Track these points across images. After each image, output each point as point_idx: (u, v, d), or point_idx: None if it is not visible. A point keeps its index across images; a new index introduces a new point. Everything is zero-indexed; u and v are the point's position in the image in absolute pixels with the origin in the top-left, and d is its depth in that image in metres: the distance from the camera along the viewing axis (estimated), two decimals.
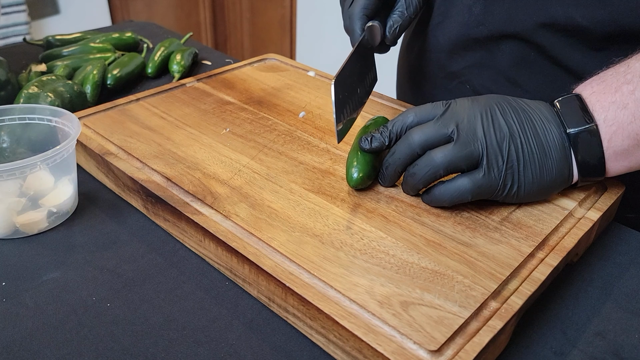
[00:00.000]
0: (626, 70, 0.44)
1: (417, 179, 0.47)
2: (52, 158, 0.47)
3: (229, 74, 0.75)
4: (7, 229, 0.49)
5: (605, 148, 0.45)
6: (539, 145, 0.45)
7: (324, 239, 0.44)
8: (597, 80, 0.46)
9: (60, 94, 0.65)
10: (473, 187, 0.45)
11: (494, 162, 0.44)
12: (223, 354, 0.39)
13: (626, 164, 0.46)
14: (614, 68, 0.46)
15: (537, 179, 0.46)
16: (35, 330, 0.40)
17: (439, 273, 0.41)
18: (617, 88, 0.44)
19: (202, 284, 0.45)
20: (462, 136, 0.45)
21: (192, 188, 0.49)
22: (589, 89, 0.46)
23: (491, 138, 0.45)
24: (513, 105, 0.46)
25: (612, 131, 0.44)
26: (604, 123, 0.44)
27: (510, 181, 0.45)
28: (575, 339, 0.42)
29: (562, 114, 0.46)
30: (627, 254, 0.50)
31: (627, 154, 0.45)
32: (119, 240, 0.49)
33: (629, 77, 0.44)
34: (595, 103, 0.45)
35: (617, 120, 0.44)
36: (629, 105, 0.43)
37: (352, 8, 0.56)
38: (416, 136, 0.46)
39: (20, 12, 1.93)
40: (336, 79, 0.49)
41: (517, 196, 0.46)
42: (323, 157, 0.55)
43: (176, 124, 0.61)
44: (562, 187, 0.48)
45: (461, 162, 0.45)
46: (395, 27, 0.56)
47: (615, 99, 0.44)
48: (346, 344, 0.37)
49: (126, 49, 0.90)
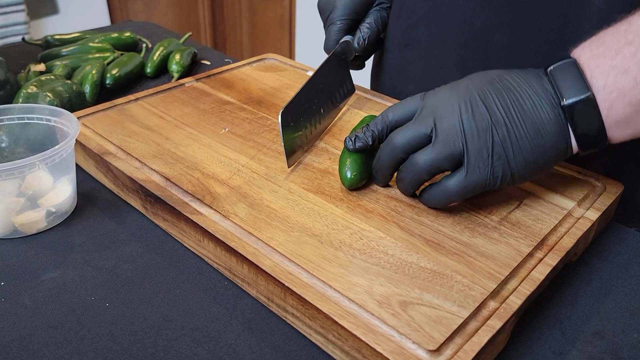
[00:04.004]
0: (627, 29, 0.41)
1: (405, 184, 0.47)
2: (51, 158, 0.47)
3: (228, 73, 0.75)
4: (5, 228, 0.49)
5: (605, 117, 0.42)
6: (530, 126, 0.42)
7: (323, 239, 0.44)
8: (597, 42, 0.42)
9: (59, 93, 0.65)
10: (459, 188, 0.44)
11: (478, 157, 0.42)
12: (222, 354, 0.39)
13: (629, 131, 0.42)
14: (614, 27, 0.42)
15: (532, 161, 0.43)
16: (34, 330, 0.40)
17: (437, 273, 0.41)
18: (618, 50, 0.40)
19: (201, 283, 0.45)
20: (441, 134, 0.43)
21: (191, 188, 0.49)
22: (588, 53, 0.42)
23: (472, 132, 0.42)
24: (497, 87, 0.43)
25: (612, 98, 0.41)
26: (603, 90, 0.41)
27: (501, 172, 0.43)
28: (574, 339, 0.42)
29: (557, 84, 0.43)
30: (625, 254, 0.50)
31: (629, 121, 0.41)
32: (118, 240, 0.49)
33: (630, 37, 0.40)
34: (595, 68, 0.41)
35: (618, 87, 0.40)
36: (631, 69, 0.40)
37: (329, 31, 0.63)
38: (397, 140, 0.45)
39: (19, 11, 1.93)
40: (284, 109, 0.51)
41: (513, 182, 0.44)
42: (322, 157, 0.55)
43: (175, 124, 0.61)
44: (560, 160, 0.45)
45: (443, 164, 0.44)
46: (364, 38, 0.62)
47: (616, 62, 0.40)
48: (345, 343, 0.37)
49: (125, 49, 0.90)
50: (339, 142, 0.58)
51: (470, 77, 0.46)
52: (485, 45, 0.57)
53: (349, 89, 0.64)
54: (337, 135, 0.60)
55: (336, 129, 0.61)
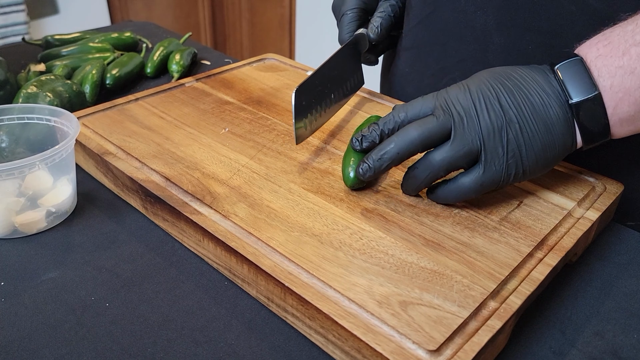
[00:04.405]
0: (634, 29, 0.41)
1: (418, 182, 0.47)
2: (50, 158, 0.47)
3: (228, 73, 0.75)
4: (5, 228, 0.49)
5: (610, 115, 0.43)
6: (540, 123, 0.43)
7: (323, 239, 0.44)
8: (604, 42, 0.43)
9: (59, 93, 0.65)
10: (475, 185, 0.44)
11: (494, 155, 0.43)
12: (222, 354, 0.39)
13: (632, 128, 0.44)
14: (621, 26, 0.43)
15: (542, 157, 0.44)
16: (34, 330, 0.40)
17: (437, 273, 0.41)
18: (625, 51, 0.41)
19: (201, 283, 0.45)
20: (459, 131, 0.43)
21: (191, 188, 0.49)
22: (595, 52, 0.43)
23: (488, 129, 0.43)
24: (507, 85, 0.44)
25: (619, 98, 0.42)
26: (610, 90, 0.42)
27: (514, 169, 0.44)
28: (574, 339, 0.42)
29: (565, 82, 0.43)
30: (626, 254, 0.50)
31: (632, 119, 0.43)
32: (118, 240, 0.49)
33: (638, 37, 0.41)
34: (602, 68, 0.42)
35: (624, 87, 0.41)
36: (637, 69, 0.41)
37: (341, 22, 0.63)
38: (416, 132, 0.45)
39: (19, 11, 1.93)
40: (299, 87, 0.52)
41: (523, 178, 0.45)
42: (322, 157, 0.55)
43: (175, 124, 0.61)
44: (566, 154, 0.46)
45: (461, 161, 0.44)
46: (377, 26, 0.62)
47: (623, 63, 0.41)
48: (345, 343, 0.37)
49: (125, 49, 0.90)
50: (339, 142, 0.58)
51: (478, 75, 0.46)
52: (485, 46, 0.57)
53: (359, 81, 0.64)
54: (337, 135, 0.60)
55: (336, 129, 0.61)
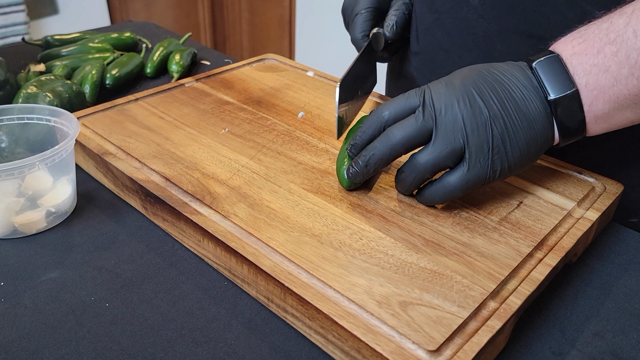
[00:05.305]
0: (609, 27, 0.42)
1: (407, 184, 0.47)
2: (50, 158, 0.47)
3: (227, 74, 0.75)
4: (5, 229, 0.49)
5: (586, 112, 0.44)
6: (523, 119, 0.43)
7: (323, 239, 0.44)
8: (579, 39, 0.43)
9: (59, 93, 0.65)
10: (461, 184, 0.44)
11: (479, 152, 0.43)
12: (222, 354, 0.39)
13: (606, 125, 0.45)
14: (596, 24, 0.43)
15: (525, 152, 0.44)
16: (34, 330, 0.40)
17: (437, 273, 0.41)
18: (600, 49, 0.42)
19: (201, 284, 0.45)
20: (442, 130, 0.43)
21: (191, 188, 0.49)
22: (570, 49, 0.44)
23: (472, 126, 0.43)
24: (489, 81, 0.44)
25: (594, 96, 0.43)
26: (585, 88, 0.43)
27: (500, 164, 0.44)
28: (574, 339, 0.42)
29: (542, 79, 0.44)
30: (625, 254, 0.50)
31: (607, 117, 0.44)
32: (118, 240, 0.49)
33: (612, 36, 0.41)
34: (577, 66, 0.43)
35: (599, 85, 0.42)
36: (611, 68, 0.41)
37: (354, 22, 0.62)
38: (397, 134, 0.44)
39: (19, 12, 1.93)
40: (342, 82, 0.52)
41: (509, 173, 0.45)
42: (322, 157, 0.55)
43: (175, 124, 0.61)
44: (545, 149, 0.46)
45: (445, 161, 0.44)
46: (392, 24, 0.62)
47: (598, 61, 0.42)
48: (345, 343, 0.37)
49: (125, 49, 0.90)
50: (339, 142, 0.58)
51: (459, 72, 0.46)
52: (487, 52, 0.57)
53: (374, 80, 0.65)
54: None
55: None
